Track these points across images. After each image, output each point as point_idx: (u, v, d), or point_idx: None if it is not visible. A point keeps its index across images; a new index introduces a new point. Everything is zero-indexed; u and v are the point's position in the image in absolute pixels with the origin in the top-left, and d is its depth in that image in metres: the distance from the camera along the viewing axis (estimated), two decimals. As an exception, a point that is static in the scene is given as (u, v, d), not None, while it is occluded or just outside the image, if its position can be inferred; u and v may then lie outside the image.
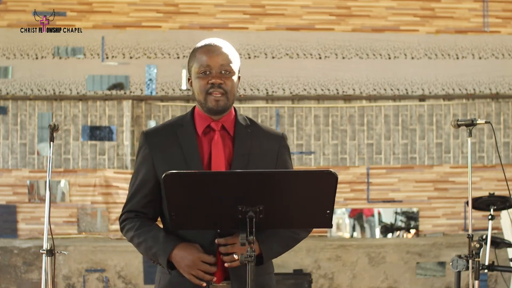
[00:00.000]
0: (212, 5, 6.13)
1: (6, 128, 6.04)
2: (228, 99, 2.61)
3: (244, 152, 2.62)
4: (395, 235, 6.17)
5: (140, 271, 5.83)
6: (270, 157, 2.66)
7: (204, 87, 2.60)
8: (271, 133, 2.73)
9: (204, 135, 2.65)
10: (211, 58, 2.60)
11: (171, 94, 6.09)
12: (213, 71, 2.59)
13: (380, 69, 6.18)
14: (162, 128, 2.73)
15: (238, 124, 2.68)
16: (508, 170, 5.50)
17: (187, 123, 2.67)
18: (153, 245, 2.58)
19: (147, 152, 2.68)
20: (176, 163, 2.58)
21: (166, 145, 2.65)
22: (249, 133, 2.67)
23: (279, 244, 2.63)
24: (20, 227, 6.00)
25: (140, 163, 2.71)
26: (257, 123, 2.75)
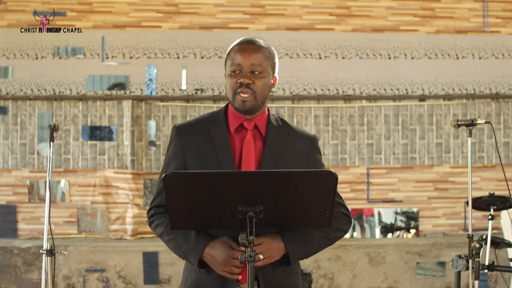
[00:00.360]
0: (212, 5, 6.13)
1: (6, 128, 6.04)
2: (256, 99, 2.57)
3: (275, 152, 2.61)
4: (395, 235, 6.17)
5: (140, 271, 5.83)
6: (301, 158, 2.65)
7: (233, 85, 2.58)
8: (303, 134, 2.72)
9: (236, 133, 2.63)
10: (243, 57, 2.58)
11: (171, 94, 6.09)
12: (243, 70, 2.57)
13: (380, 69, 6.18)
14: (194, 124, 2.70)
15: (270, 124, 2.66)
16: (508, 170, 5.51)
17: (220, 120, 2.66)
18: (184, 244, 2.56)
19: (179, 146, 2.64)
20: (208, 161, 2.58)
21: (198, 141, 2.63)
22: (281, 133, 2.65)
23: (307, 244, 2.60)
24: (20, 227, 6.00)
25: (171, 157, 2.67)
26: (289, 123, 2.73)
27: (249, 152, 2.60)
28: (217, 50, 6.11)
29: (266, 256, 2.47)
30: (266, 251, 2.47)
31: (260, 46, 2.63)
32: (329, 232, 2.64)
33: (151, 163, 6.06)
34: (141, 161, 6.05)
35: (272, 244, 2.50)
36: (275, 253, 2.51)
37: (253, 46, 2.61)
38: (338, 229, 2.67)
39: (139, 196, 6.02)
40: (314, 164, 2.67)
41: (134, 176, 6.00)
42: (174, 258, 5.83)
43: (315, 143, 2.72)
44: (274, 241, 2.51)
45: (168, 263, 5.85)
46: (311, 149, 2.69)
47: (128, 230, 5.98)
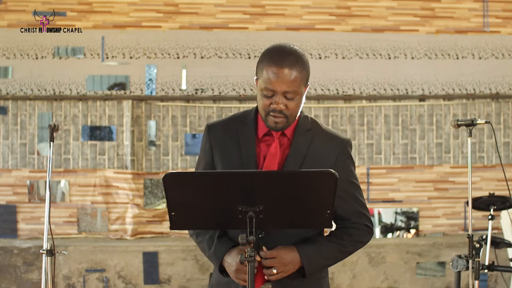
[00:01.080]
0: (212, 5, 6.13)
1: (6, 128, 6.04)
2: (289, 121, 2.56)
3: (299, 157, 2.59)
4: (395, 235, 6.17)
5: (140, 271, 5.83)
6: (327, 162, 2.59)
7: (266, 107, 2.55)
8: (333, 137, 2.67)
9: (263, 137, 2.63)
10: (277, 83, 2.50)
11: (171, 94, 6.09)
12: (277, 95, 2.52)
13: (380, 69, 6.18)
14: (225, 123, 2.70)
15: (298, 129, 2.63)
16: (508, 170, 5.51)
17: (250, 122, 2.65)
18: (208, 249, 2.63)
19: (208, 146, 2.67)
20: (233, 163, 2.60)
21: (226, 141, 2.64)
22: (308, 137, 2.62)
23: (324, 257, 2.61)
24: (20, 227, 6.00)
25: (201, 156, 2.72)
26: (321, 125, 2.69)
27: (271, 161, 2.59)
28: (217, 50, 6.11)
29: (280, 270, 2.49)
30: (279, 266, 2.49)
31: (293, 67, 2.51)
32: (346, 245, 2.65)
33: (151, 163, 6.06)
34: (141, 161, 6.05)
35: (286, 258, 2.51)
36: (289, 267, 2.52)
37: (287, 71, 2.49)
38: (357, 241, 2.68)
39: (139, 196, 6.02)
40: (341, 169, 2.55)
41: (134, 176, 6.00)
42: (174, 258, 5.84)
43: (345, 147, 2.65)
44: (288, 254, 2.52)
45: (168, 263, 5.85)
46: (339, 153, 2.64)
47: (128, 230, 5.98)
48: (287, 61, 2.51)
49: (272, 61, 2.52)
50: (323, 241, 2.62)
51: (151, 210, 6.04)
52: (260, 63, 2.57)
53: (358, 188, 2.69)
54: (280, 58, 2.51)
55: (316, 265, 2.58)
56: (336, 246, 2.63)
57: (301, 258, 2.53)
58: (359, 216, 2.65)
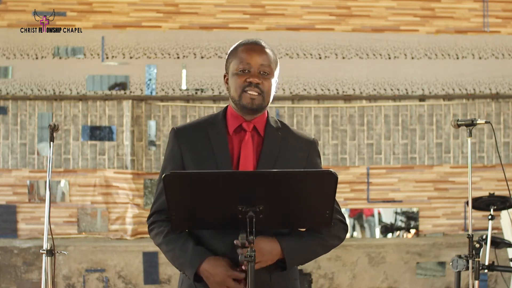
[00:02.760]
0: (212, 5, 6.13)
1: (6, 128, 6.04)
2: (264, 99, 2.59)
3: (273, 154, 2.61)
4: (395, 235, 6.17)
5: (140, 271, 5.83)
6: (299, 161, 2.63)
7: (241, 84, 2.58)
8: (302, 137, 2.71)
9: (235, 134, 2.63)
10: (252, 57, 2.59)
11: (171, 94, 6.09)
12: (252, 69, 2.58)
13: (380, 69, 6.18)
14: (192, 126, 2.69)
15: (268, 126, 2.66)
16: (508, 170, 5.51)
17: (219, 122, 2.65)
18: (181, 256, 2.54)
19: (176, 149, 2.64)
20: (206, 162, 2.58)
21: (196, 143, 2.63)
22: (280, 136, 2.65)
23: (305, 250, 2.58)
24: (20, 227, 6.00)
25: (168, 160, 2.66)
26: (289, 126, 2.73)
27: (247, 154, 2.60)
28: (217, 50, 6.11)
29: (258, 260, 2.41)
30: (257, 255, 2.39)
31: (267, 48, 2.64)
32: (326, 239, 2.62)
33: (151, 163, 6.06)
34: (141, 161, 6.05)
35: (265, 248, 2.47)
36: (267, 257, 2.48)
37: (262, 48, 2.62)
38: (335, 236, 2.65)
39: (139, 196, 6.02)
40: (313, 167, 2.66)
41: (134, 176, 6.00)
42: (174, 258, 5.84)
43: (314, 146, 2.71)
44: (267, 244, 2.49)
45: (168, 263, 5.82)
46: (310, 152, 2.68)
47: (128, 230, 5.98)
48: (259, 42, 2.66)
49: (246, 42, 2.65)
50: (303, 234, 2.60)
51: (151, 210, 6.04)
52: (230, 55, 2.66)
53: None
54: (253, 40, 2.67)
55: (296, 257, 2.55)
56: (316, 240, 2.60)
57: (282, 249, 2.50)
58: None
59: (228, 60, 2.66)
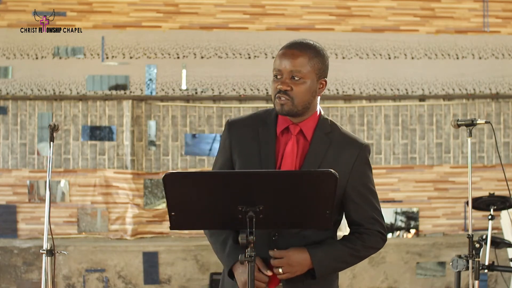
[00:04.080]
0: (212, 5, 6.13)
1: (6, 128, 6.04)
2: (294, 105, 2.55)
3: (317, 160, 2.58)
4: (395, 235, 6.17)
5: (140, 271, 5.83)
6: (344, 166, 2.60)
7: (274, 90, 2.58)
8: (352, 142, 2.67)
9: (282, 135, 2.63)
10: (282, 62, 2.56)
11: (171, 94, 6.09)
12: (283, 75, 2.57)
13: (380, 69, 6.17)
14: (246, 120, 2.70)
15: (318, 130, 2.63)
16: (508, 170, 5.50)
17: (270, 120, 2.65)
18: (220, 251, 2.62)
19: (228, 142, 2.67)
20: (252, 160, 2.59)
21: (246, 139, 2.64)
22: (327, 140, 2.62)
23: (336, 260, 2.59)
24: (20, 227, 6.00)
25: (220, 152, 2.71)
26: (341, 129, 2.69)
27: (289, 159, 2.59)
28: (217, 50, 6.11)
29: (286, 271, 2.49)
30: (286, 266, 2.48)
31: (303, 50, 2.60)
32: (359, 249, 2.63)
33: (151, 163, 6.06)
34: (141, 161, 6.05)
35: (294, 259, 2.50)
36: (296, 268, 2.51)
37: (295, 51, 2.58)
38: (370, 247, 2.66)
39: (139, 196, 6.02)
40: (358, 177, 2.62)
41: (134, 176, 6.00)
42: (174, 258, 5.84)
43: (363, 152, 2.67)
44: (297, 255, 2.52)
45: (168, 263, 5.85)
46: (357, 158, 2.64)
47: (128, 230, 5.98)
48: (297, 44, 2.62)
49: (283, 47, 2.63)
50: (336, 244, 2.61)
51: (151, 210, 6.04)
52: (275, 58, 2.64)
53: (374, 194, 2.71)
54: (291, 43, 2.64)
55: (326, 267, 2.56)
56: (348, 250, 2.61)
57: (312, 260, 2.52)
58: (372, 223, 2.64)
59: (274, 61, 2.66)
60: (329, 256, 2.56)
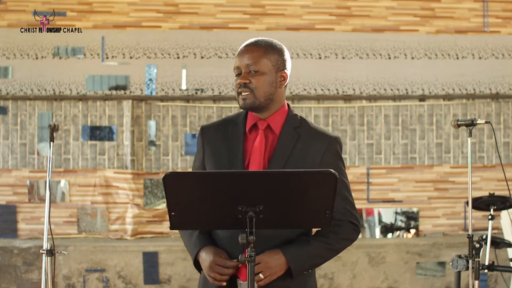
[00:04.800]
0: (212, 5, 6.13)
1: (6, 128, 6.04)
2: (256, 97, 2.62)
3: (285, 153, 2.62)
4: (395, 235, 6.17)
5: (140, 271, 5.83)
6: (313, 160, 2.62)
7: (236, 87, 2.65)
8: (321, 135, 2.69)
9: (250, 133, 2.68)
10: (239, 59, 2.66)
11: (171, 94, 6.09)
12: (242, 71, 2.65)
13: (380, 69, 6.18)
14: (217, 124, 2.78)
15: (286, 124, 2.68)
16: (508, 170, 5.51)
17: (240, 120, 2.72)
18: (187, 244, 2.68)
19: (200, 146, 2.75)
20: (221, 161, 2.65)
21: (217, 142, 2.70)
22: (296, 134, 2.66)
23: (310, 257, 2.60)
24: (20, 227, 6.00)
25: (195, 157, 2.80)
26: (311, 124, 2.73)
27: (257, 153, 2.63)
28: (217, 50, 6.11)
29: (267, 274, 2.51)
30: (265, 270, 2.51)
31: (258, 45, 2.67)
32: (333, 243, 2.64)
33: (151, 163, 6.06)
34: (141, 161, 6.05)
35: (271, 262, 2.52)
36: (275, 270, 2.53)
37: (249, 48, 2.67)
38: (343, 238, 2.67)
39: (139, 196, 6.02)
40: (328, 166, 2.55)
41: (134, 176, 6.00)
42: (174, 258, 5.84)
43: (333, 144, 2.66)
44: (273, 258, 2.53)
45: (168, 263, 5.85)
46: (327, 150, 2.65)
47: (128, 230, 5.98)
48: (252, 41, 2.70)
49: (240, 48, 2.70)
50: (309, 241, 2.62)
51: (151, 210, 6.04)
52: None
53: (345, 185, 2.67)
54: (245, 43, 2.71)
55: (302, 265, 2.58)
56: (322, 245, 2.62)
57: (287, 260, 2.54)
58: (343, 213, 2.64)
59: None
60: (303, 254, 2.57)
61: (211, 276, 2.55)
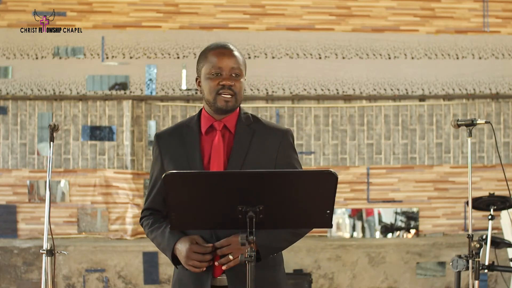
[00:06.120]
0: (212, 5, 6.13)
1: (6, 128, 6.04)
2: (237, 100, 2.70)
3: (243, 150, 2.68)
4: (395, 235, 6.17)
5: (140, 271, 5.83)
6: (270, 153, 2.70)
7: (214, 87, 2.67)
8: (274, 129, 2.77)
9: (206, 134, 2.73)
10: (223, 60, 2.68)
11: (171, 94, 6.09)
12: (223, 73, 2.67)
13: (380, 69, 6.18)
14: (171, 130, 2.82)
15: (239, 122, 2.74)
16: (508, 170, 5.51)
17: (193, 123, 2.76)
18: (161, 242, 2.70)
19: (158, 153, 2.79)
20: (180, 163, 2.68)
21: (173, 145, 2.74)
22: (250, 130, 2.72)
23: (277, 240, 2.64)
24: (20, 227, 6.00)
25: (153, 164, 2.84)
26: (262, 120, 2.79)
27: (217, 152, 2.68)
28: (217, 50, 6.10)
29: (236, 256, 2.54)
30: (235, 251, 2.55)
31: (236, 50, 2.74)
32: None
33: (151, 163, 6.05)
34: (141, 161, 6.05)
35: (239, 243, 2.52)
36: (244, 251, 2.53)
37: (231, 51, 2.71)
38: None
39: (139, 196, 6.02)
40: (284, 159, 2.71)
41: (134, 176, 6.01)
42: (174, 258, 5.83)
43: (286, 137, 2.75)
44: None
45: (168, 263, 5.85)
46: (281, 143, 2.73)
47: (128, 230, 5.98)
48: (229, 45, 2.75)
49: (215, 47, 2.73)
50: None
51: (151, 210, 6.04)
52: (201, 58, 2.74)
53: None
54: (222, 44, 2.74)
55: (269, 248, 2.62)
56: (289, 230, 2.66)
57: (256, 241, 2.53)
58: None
59: (199, 64, 2.75)
60: (270, 236, 2.60)
61: (190, 265, 2.58)
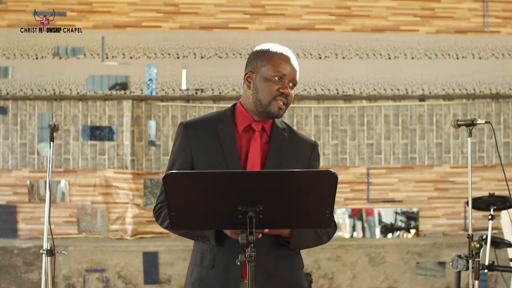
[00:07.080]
0: (212, 5, 6.13)
1: (6, 128, 6.04)
2: (286, 109, 2.72)
3: (279, 154, 2.70)
4: (395, 235, 6.17)
5: (140, 271, 5.83)
6: (302, 162, 2.75)
7: (273, 92, 2.66)
8: (305, 139, 2.83)
9: (243, 132, 2.71)
10: (287, 67, 2.67)
11: (171, 94, 6.09)
12: (285, 80, 2.67)
13: (380, 69, 6.18)
14: (201, 121, 2.76)
15: (275, 127, 2.76)
16: (508, 170, 5.51)
17: (227, 119, 2.73)
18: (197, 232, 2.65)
19: (186, 143, 2.70)
20: (215, 158, 2.65)
21: (205, 138, 2.69)
22: (285, 137, 2.75)
23: (308, 235, 2.67)
24: (20, 227, 6.00)
25: (177, 154, 2.72)
26: (293, 128, 2.83)
27: (255, 152, 2.67)
28: (217, 50, 6.11)
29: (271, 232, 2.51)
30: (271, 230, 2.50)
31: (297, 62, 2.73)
32: (322, 234, 2.73)
33: (151, 163, 6.06)
34: (141, 161, 6.05)
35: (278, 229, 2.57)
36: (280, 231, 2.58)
37: (295, 60, 2.71)
38: (328, 233, 2.75)
39: (139, 196, 6.02)
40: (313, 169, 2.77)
41: (134, 176, 6.01)
42: (174, 258, 5.84)
43: (315, 150, 2.83)
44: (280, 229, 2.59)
45: (168, 263, 5.85)
46: (312, 154, 2.81)
47: (128, 230, 5.98)
48: (292, 53, 2.73)
49: (280, 50, 2.70)
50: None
51: (151, 210, 6.03)
52: (262, 56, 2.69)
53: None
54: (287, 50, 2.72)
55: (300, 239, 2.63)
56: (316, 233, 2.71)
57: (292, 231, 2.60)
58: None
59: (258, 61, 2.70)
60: (303, 233, 2.64)
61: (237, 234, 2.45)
